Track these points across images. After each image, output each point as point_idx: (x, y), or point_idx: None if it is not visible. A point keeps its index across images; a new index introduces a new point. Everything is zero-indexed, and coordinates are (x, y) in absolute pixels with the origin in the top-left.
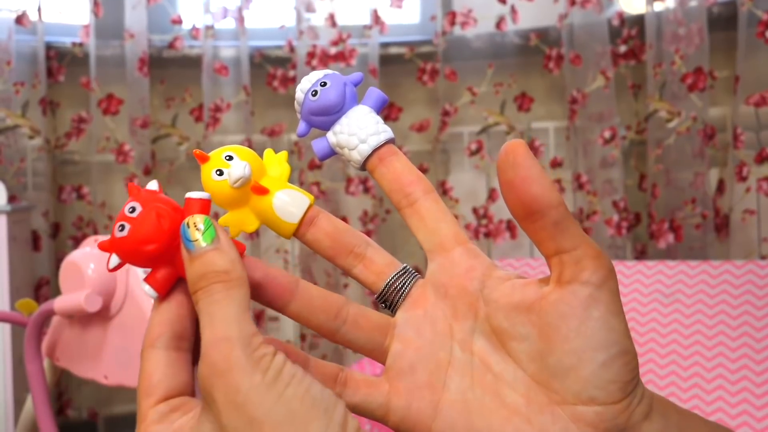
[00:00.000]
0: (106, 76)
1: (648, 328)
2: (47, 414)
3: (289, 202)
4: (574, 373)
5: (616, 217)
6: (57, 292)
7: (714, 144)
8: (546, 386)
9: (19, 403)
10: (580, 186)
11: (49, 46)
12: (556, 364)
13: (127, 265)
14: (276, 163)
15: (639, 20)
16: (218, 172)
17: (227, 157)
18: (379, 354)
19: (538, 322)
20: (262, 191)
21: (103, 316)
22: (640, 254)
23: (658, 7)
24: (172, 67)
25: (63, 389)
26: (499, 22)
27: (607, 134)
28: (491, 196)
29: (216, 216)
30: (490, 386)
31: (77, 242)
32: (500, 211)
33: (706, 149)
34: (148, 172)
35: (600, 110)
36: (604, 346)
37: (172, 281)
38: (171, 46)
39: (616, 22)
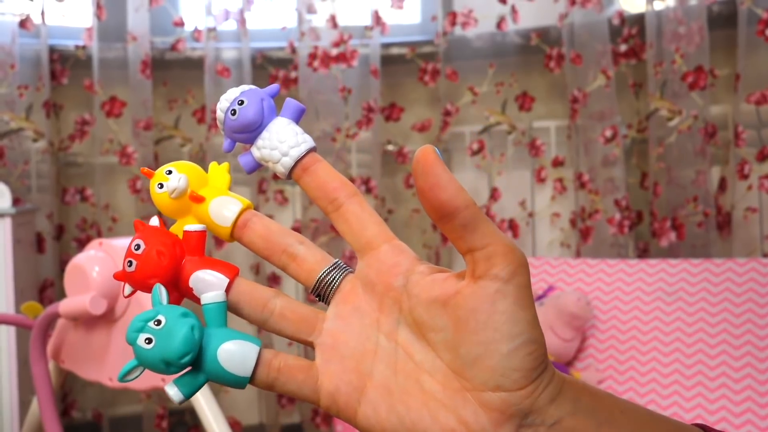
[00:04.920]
0: (109, 79)
1: (651, 327)
2: (52, 415)
3: (223, 208)
4: (482, 362)
5: (618, 216)
6: (61, 293)
7: (715, 142)
8: (459, 374)
9: (24, 405)
10: (582, 185)
11: (52, 49)
12: (467, 354)
13: None
14: (219, 174)
15: (639, 19)
16: (159, 186)
17: (167, 172)
18: (307, 342)
19: (453, 314)
20: (199, 199)
21: (107, 318)
22: (643, 252)
23: (658, 6)
24: (174, 69)
25: (68, 391)
26: (500, 22)
27: (608, 133)
28: (493, 195)
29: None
30: (412, 373)
31: (81, 244)
32: (502, 210)
33: (707, 147)
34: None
35: (601, 109)
36: (508, 338)
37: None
38: (173, 48)
39: (616, 21)
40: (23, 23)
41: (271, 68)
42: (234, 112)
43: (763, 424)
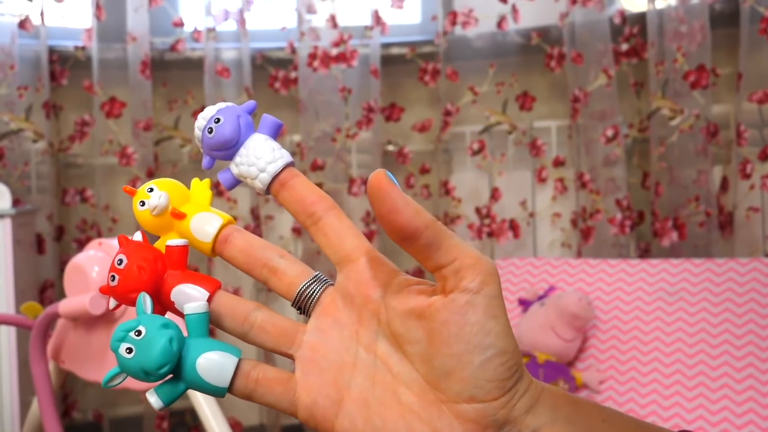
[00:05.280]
0: (108, 80)
1: (652, 327)
2: (53, 416)
3: (204, 224)
4: (455, 374)
5: (619, 216)
6: (61, 294)
7: (717, 141)
8: (434, 386)
9: (25, 406)
10: (583, 185)
11: (52, 50)
12: (440, 367)
13: None
14: (200, 190)
15: (641, 18)
16: (141, 203)
17: (149, 189)
18: (287, 355)
19: (427, 327)
20: (180, 216)
21: (107, 318)
22: (644, 252)
23: (659, 4)
24: (174, 70)
25: (68, 391)
26: (501, 22)
27: (609, 132)
28: (494, 195)
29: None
30: (389, 386)
31: (81, 245)
32: (503, 210)
33: (709, 147)
34: (151, 175)
35: (602, 108)
36: (480, 349)
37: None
38: (173, 48)
39: (617, 20)
40: (23, 24)
41: (270, 68)
42: (211, 130)
43: (765, 424)
